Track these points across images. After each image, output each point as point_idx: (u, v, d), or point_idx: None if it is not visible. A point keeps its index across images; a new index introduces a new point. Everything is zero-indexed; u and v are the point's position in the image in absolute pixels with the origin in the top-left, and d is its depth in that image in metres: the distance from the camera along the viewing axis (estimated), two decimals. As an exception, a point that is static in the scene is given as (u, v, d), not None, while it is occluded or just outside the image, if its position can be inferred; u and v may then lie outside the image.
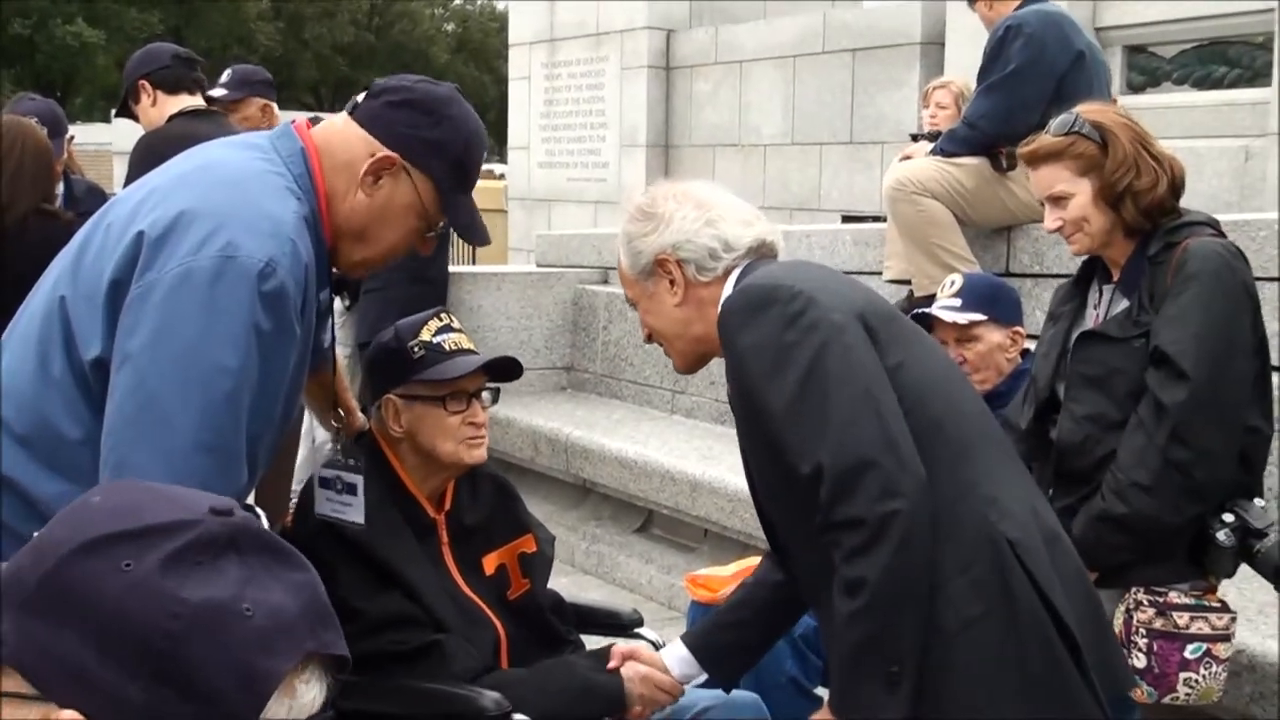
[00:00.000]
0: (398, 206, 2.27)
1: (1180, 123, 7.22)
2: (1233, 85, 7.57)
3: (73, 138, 5.22)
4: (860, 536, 2.03)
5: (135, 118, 4.83)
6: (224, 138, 2.45)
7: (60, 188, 4.91)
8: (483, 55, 47.07)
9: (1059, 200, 2.94)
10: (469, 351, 2.77)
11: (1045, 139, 2.97)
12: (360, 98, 2.35)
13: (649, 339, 2.48)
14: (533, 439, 6.40)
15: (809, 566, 2.26)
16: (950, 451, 2.17)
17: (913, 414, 2.14)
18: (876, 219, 5.52)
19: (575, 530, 6.27)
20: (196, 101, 4.69)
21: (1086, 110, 2.98)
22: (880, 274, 5.44)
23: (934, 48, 9.07)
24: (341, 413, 2.69)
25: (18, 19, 45.75)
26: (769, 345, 2.15)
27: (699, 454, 5.63)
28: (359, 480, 2.55)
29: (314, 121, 2.42)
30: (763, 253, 2.38)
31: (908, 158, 5.34)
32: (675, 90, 11.46)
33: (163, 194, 2.16)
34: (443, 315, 2.80)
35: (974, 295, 3.53)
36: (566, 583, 5.96)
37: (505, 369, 2.84)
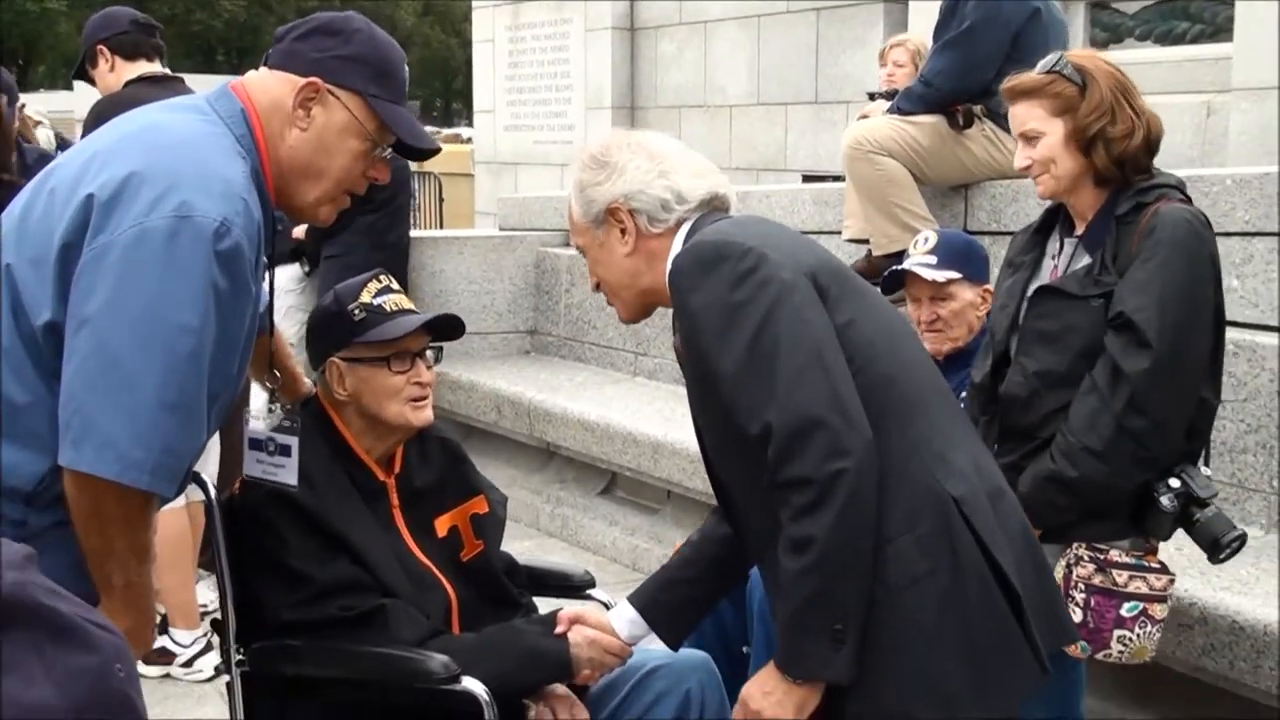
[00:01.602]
0: (334, 130, 2.29)
1: (1143, 79, 7.18)
2: (1194, 41, 7.57)
3: (23, 105, 5.17)
4: (807, 495, 2.04)
5: (93, 82, 4.78)
6: (163, 100, 2.44)
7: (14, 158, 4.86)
8: (449, 18, 46.72)
9: (1031, 139, 2.93)
10: (410, 311, 2.76)
11: (1026, 75, 2.97)
12: (269, 51, 2.37)
13: (596, 288, 2.47)
14: (496, 402, 6.39)
15: (757, 525, 2.27)
16: (899, 409, 2.18)
17: (862, 372, 2.14)
18: (837, 179, 5.51)
19: (539, 493, 6.28)
20: (155, 67, 4.66)
21: (1073, 54, 2.98)
22: (840, 233, 5.44)
23: (897, 6, 9.06)
24: (277, 374, 2.68)
25: (-23, -14, 45.15)
26: (718, 304, 2.15)
27: (661, 416, 5.63)
28: (293, 441, 2.54)
29: None
30: (715, 206, 2.38)
31: (865, 117, 5.33)
32: (640, 52, 11.41)
33: (108, 156, 2.15)
34: (381, 277, 2.79)
35: (949, 253, 3.52)
36: (531, 545, 5.98)
37: (447, 327, 2.83)
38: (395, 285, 2.79)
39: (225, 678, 2.70)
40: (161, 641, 4.53)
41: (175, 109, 2.32)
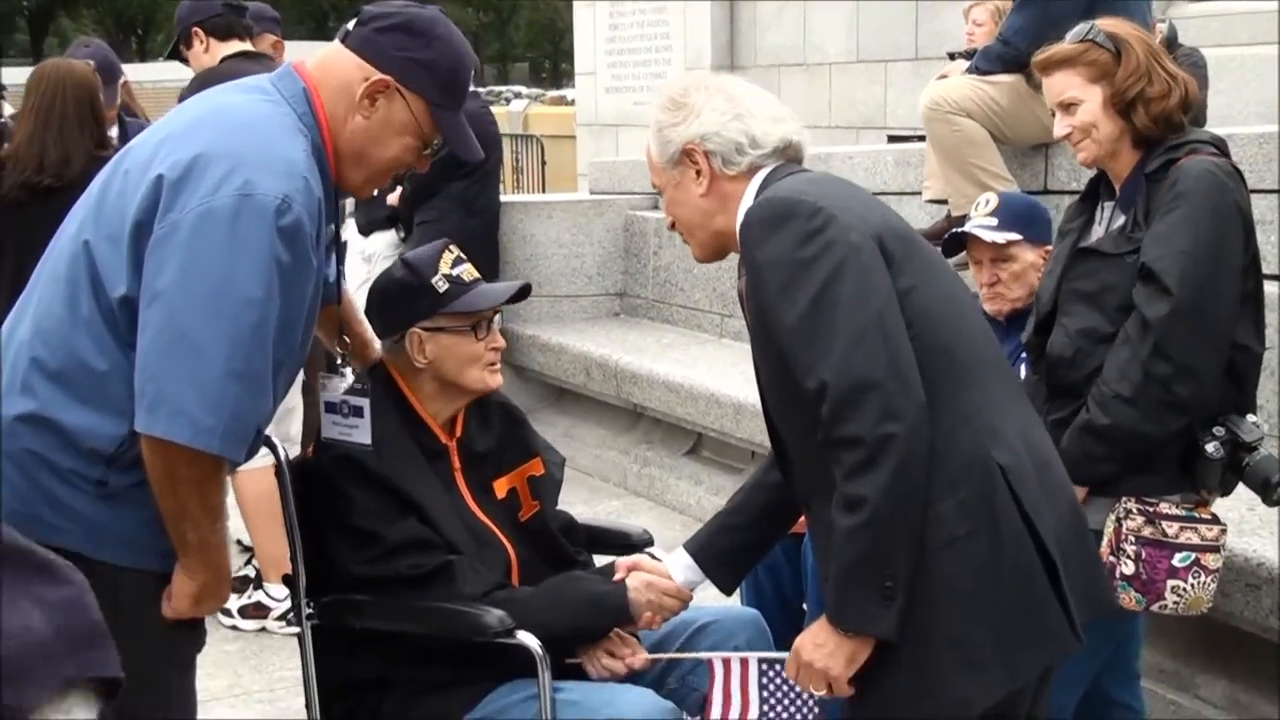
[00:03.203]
0: (394, 126, 2.39)
1: (1234, 31, 7.08)
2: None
3: (126, 82, 5.36)
4: (858, 455, 2.10)
5: (186, 62, 4.95)
6: (231, 82, 2.56)
7: (115, 130, 5.06)
8: (558, -21, 46.76)
9: (1069, 107, 2.99)
10: (482, 280, 2.88)
11: (1059, 46, 3.03)
12: (350, 25, 2.45)
13: (672, 227, 2.54)
14: (584, 365, 6.50)
15: (807, 474, 2.34)
16: (954, 376, 2.23)
17: (920, 338, 2.19)
18: (922, 138, 5.50)
19: (627, 454, 6.39)
20: (245, 46, 4.81)
21: (1103, 23, 3.03)
22: (921, 194, 5.45)
23: (999, -40, 8.92)
24: (347, 340, 2.81)
25: (99, -42, 46.19)
26: (785, 260, 2.20)
27: (745, 377, 5.65)
28: (365, 403, 2.67)
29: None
30: (789, 154, 2.42)
31: (944, 76, 5.32)
32: (739, 11, 11.38)
33: (178, 138, 2.29)
34: (451, 248, 2.90)
35: (1010, 214, 3.55)
36: (618, 505, 6.11)
37: (520, 293, 2.97)
38: (463, 255, 2.90)
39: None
40: (257, 596, 4.73)
41: (242, 90, 2.44)
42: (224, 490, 2.34)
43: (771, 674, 2.67)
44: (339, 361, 2.75)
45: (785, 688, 2.66)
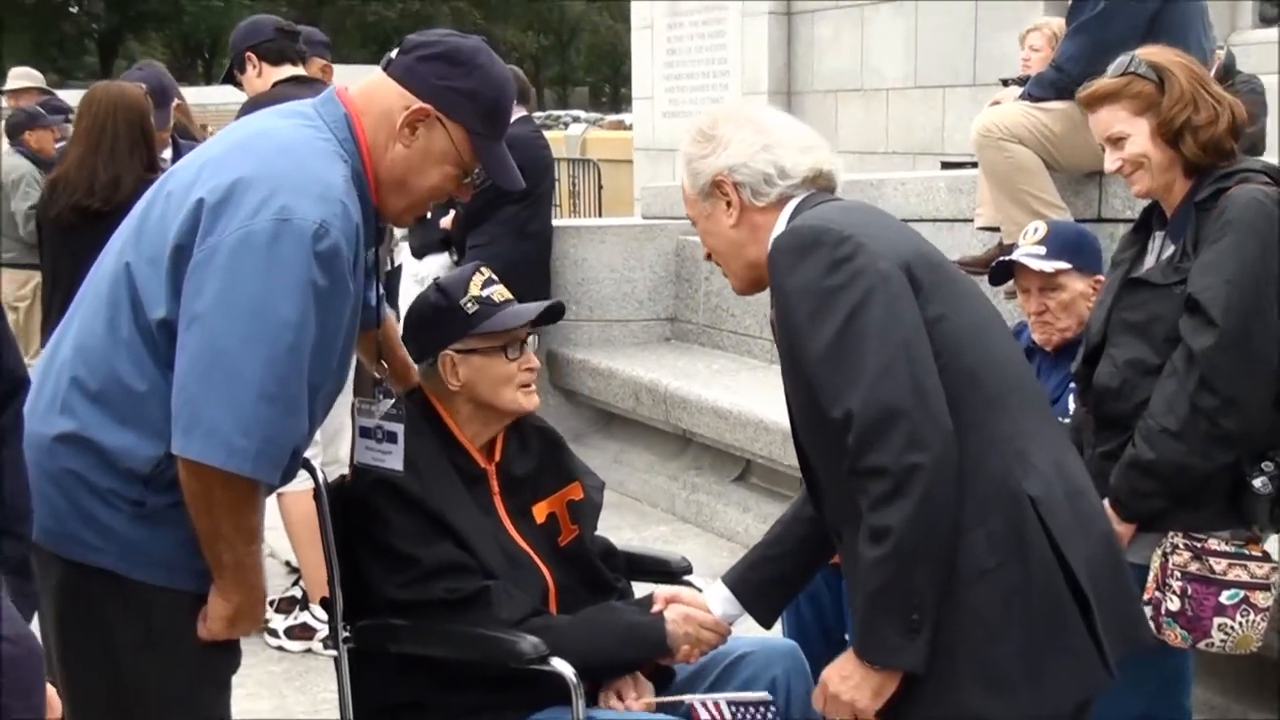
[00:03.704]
0: (434, 155, 2.40)
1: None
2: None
3: (181, 104, 5.43)
4: (884, 486, 2.09)
5: (240, 86, 5.01)
6: (273, 107, 2.58)
7: (169, 152, 5.13)
8: (618, 4, 47.00)
9: (1118, 141, 2.97)
10: (514, 301, 2.88)
11: (1102, 81, 3.01)
12: (393, 54, 2.47)
13: (708, 257, 2.54)
14: (634, 389, 6.50)
15: (836, 504, 2.33)
16: (982, 405, 2.21)
17: (949, 366, 2.17)
18: (975, 165, 5.46)
19: (675, 479, 6.38)
20: (298, 71, 4.86)
21: (1144, 52, 3.01)
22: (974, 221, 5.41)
23: (1057, -14, 8.87)
24: (384, 364, 2.82)
25: (165, -19, 46.86)
26: (812, 289, 2.20)
27: (794, 403, 5.65)
28: (399, 429, 2.67)
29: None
30: (820, 183, 2.42)
31: (998, 103, 5.28)
32: (796, 36, 11.37)
33: (219, 163, 2.31)
34: (482, 270, 2.90)
35: (1058, 243, 3.52)
36: (666, 531, 6.09)
37: (550, 312, 2.96)
38: (495, 277, 2.91)
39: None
40: (303, 617, 4.75)
41: (283, 115, 2.46)
42: (260, 512, 2.34)
43: (743, 714, 2.65)
44: (378, 386, 2.76)
45: None
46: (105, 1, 50.45)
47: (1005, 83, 5.70)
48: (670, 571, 3.08)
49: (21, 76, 9.34)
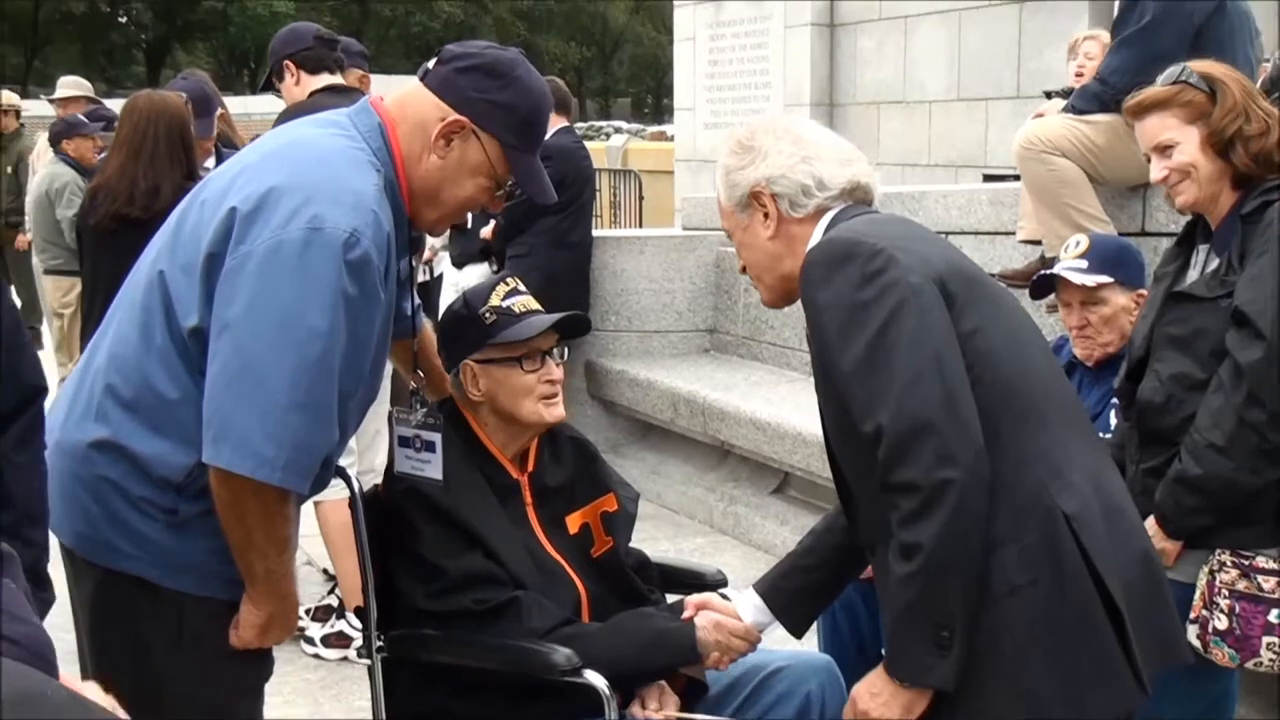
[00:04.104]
0: (468, 167, 2.39)
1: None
2: None
3: (224, 113, 5.46)
4: (914, 501, 2.07)
5: (279, 94, 5.03)
6: (309, 116, 2.59)
7: (212, 161, 5.16)
8: (660, 15, 47.16)
9: (1165, 150, 2.94)
10: (538, 312, 2.86)
11: (1151, 90, 2.99)
12: (431, 64, 2.46)
13: (743, 270, 2.53)
14: (672, 400, 6.48)
15: (869, 518, 2.31)
16: (1017, 419, 2.18)
17: (981, 381, 2.15)
18: (1018, 178, 5.42)
19: (713, 491, 6.35)
20: (337, 80, 4.87)
21: (1195, 64, 2.98)
22: (1015, 234, 5.36)
23: (1103, -1, 8.82)
24: (420, 373, 2.82)
25: (212, -8, 47.39)
26: (844, 302, 2.18)
27: (832, 416, 5.62)
28: (437, 438, 2.67)
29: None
30: (857, 196, 2.41)
31: (1041, 115, 5.23)
32: (839, 48, 11.35)
33: (253, 171, 2.31)
34: (509, 280, 2.89)
35: (1101, 257, 3.48)
36: (703, 543, 6.07)
37: (575, 325, 2.93)
38: (522, 288, 2.89)
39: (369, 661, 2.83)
40: (339, 625, 4.76)
41: (318, 124, 2.46)
42: (291, 521, 2.34)
43: None
44: (414, 395, 2.76)
45: None
46: (153, 12, 51.07)
47: (1049, 95, 5.67)
48: (706, 584, 3.05)
49: (70, 85, 9.45)
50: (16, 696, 1.12)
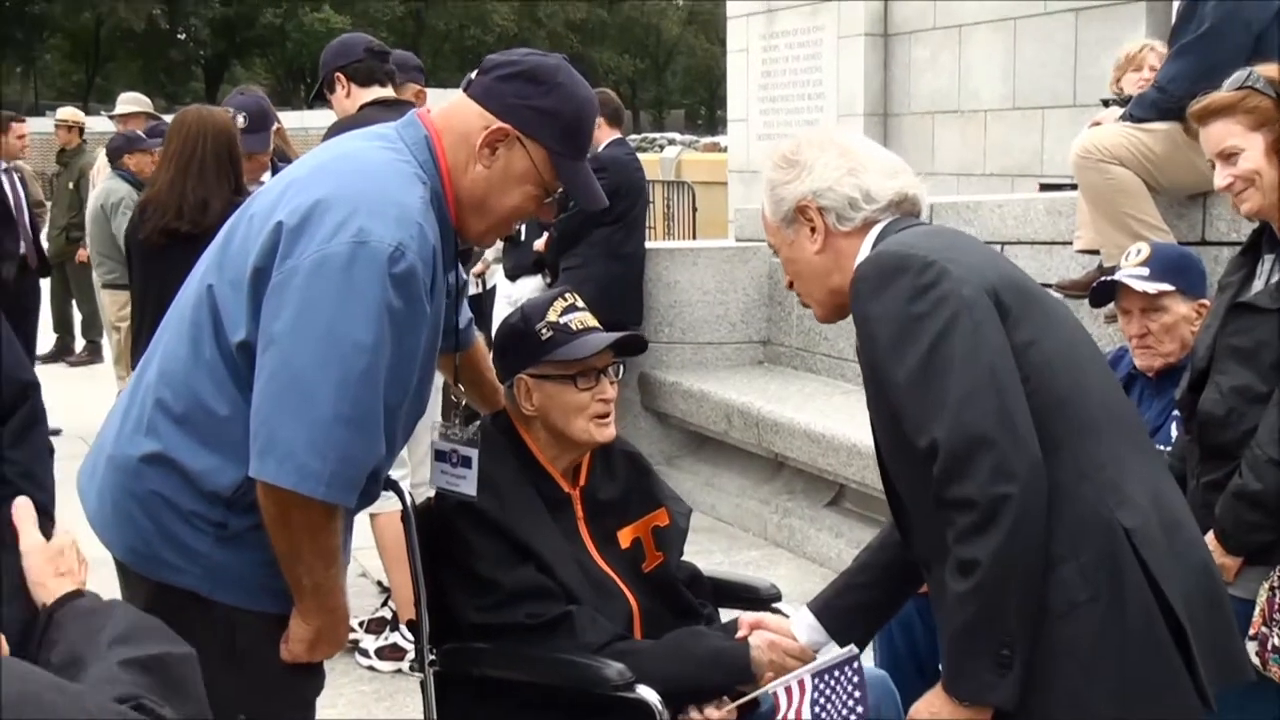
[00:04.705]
0: (514, 175, 2.37)
1: None
2: None
3: (280, 128, 5.49)
4: (971, 517, 2.04)
5: (330, 106, 5.04)
6: (357, 130, 2.59)
7: (267, 175, 5.19)
8: (713, 27, 47.24)
9: (1230, 156, 2.90)
10: (595, 329, 2.84)
11: (1216, 95, 2.94)
12: (474, 75, 2.45)
13: (790, 287, 2.50)
14: (726, 412, 6.45)
15: (923, 534, 2.28)
16: (1074, 432, 2.15)
17: (1037, 394, 2.12)
18: (1074, 187, 5.35)
19: (768, 503, 6.32)
20: (387, 92, 4.88)
21: (1262, 68, 2.93)
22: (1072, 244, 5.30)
23: (1160, 4, 8.69)
24: (461, 386, 2.80)
25: (269, 9, 48.01)
26: (896, 316, 2.15)
27: (888, 428, 5.57)
28: (474, 454, 2.66)
29: None
30: (905, 208, 2.38)
31: (1097, 124, 5.17)
32: (893, 57, 11.27)
33: (300, 185, 2.31)
34: (567, 295, 2.88)
35: (1162, 265, 3.43)
36: (757, 555, 6.04)
37: (632, 345, 2.91)
38: (580, 304, 2.88)
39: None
40: (394, 637, 4.76)
41: (366, 137, 2.46)
42: (338, 535, 2.33)
43: (822, 684, 2.55)
44: (456, 409, 2.75)
45: (834, 690, 2.54)
46: (212, 29, 51.69)
47: (1106, 103, 5.59)
48: (759, 598, 3.03)
49: (130, 101, 9.57)
50: (16, 697, 1.13)
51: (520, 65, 2.38)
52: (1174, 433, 3.27)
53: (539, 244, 7.05)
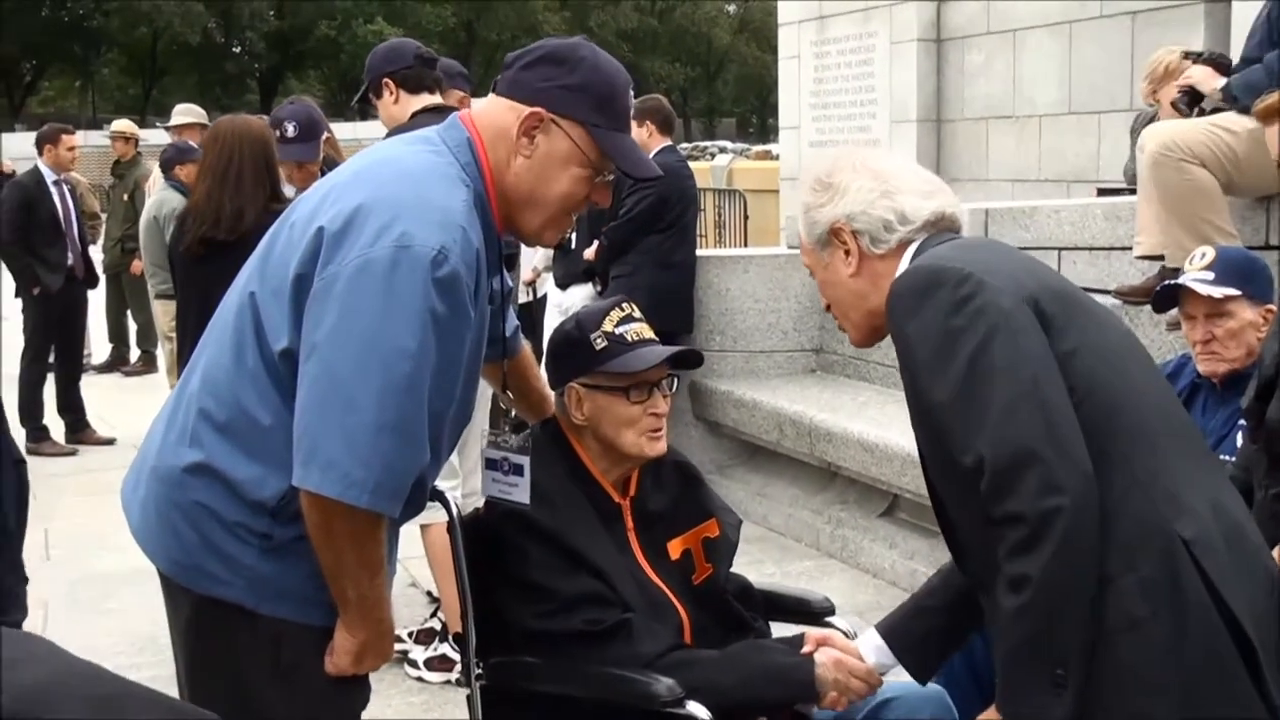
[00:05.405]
0: (557, 158, 2.33)
1: None
2: None
3: (330, 137, 5.48)
4: (1021, 533, 1.97)
5: (373, 109, 5.01)
6: (400, 134, 2.56)
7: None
8: (764, 34, 47.19)
9: None
10: (651, 341, 2.79)
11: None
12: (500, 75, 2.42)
13: (827, 309, 2.45)
14: (778, 421, 6.39)
15: (973, 551, 2.22)
16: (1125, 442, 2.07)
17: (1085, 403, 2.05)
18: (1132, 192, 5.24)
19: (820, 514, 6.25)
20: (435, 99, 4.86)
21: None
22: (1131, 249, 5.19)
23: (1219, 6, 8.56)
24: (509, 394, 2.76)
25: (324, 21, 48.47)
26: (934, 331, 2.10)
27: (943, 437, 5.49)
28: (525, 461, 2.61)
29: None
30: (942, 226, 2.33)
31: (1156, 119, 5.02)
32: (947, 62, 11.18)
33: (341, 190, 2.28)
34: (624, 305, 2.83)
35: (1228, 268, 3.35)
36: (810, 566, 5.97)
37: (688, 360, 2.86)
38: (637, 314, 2.83)
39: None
40: (443, 648, 4.73)
41: (408, 141, 2.43)
42: (383, 545, 2.29)
43: None
44: (505, 417, 2.71)
45: None
46: (267, 42, 52.25)
47: (1175, 105, 5.45)
48: (811, 611, 2.97)
49: (185, 113, 9.64)
50: (27, 691, 1.11)
51: (540, 50, 2.36)
52: (1239, 442, 3.18)
53: (589, 252, 7.02)
